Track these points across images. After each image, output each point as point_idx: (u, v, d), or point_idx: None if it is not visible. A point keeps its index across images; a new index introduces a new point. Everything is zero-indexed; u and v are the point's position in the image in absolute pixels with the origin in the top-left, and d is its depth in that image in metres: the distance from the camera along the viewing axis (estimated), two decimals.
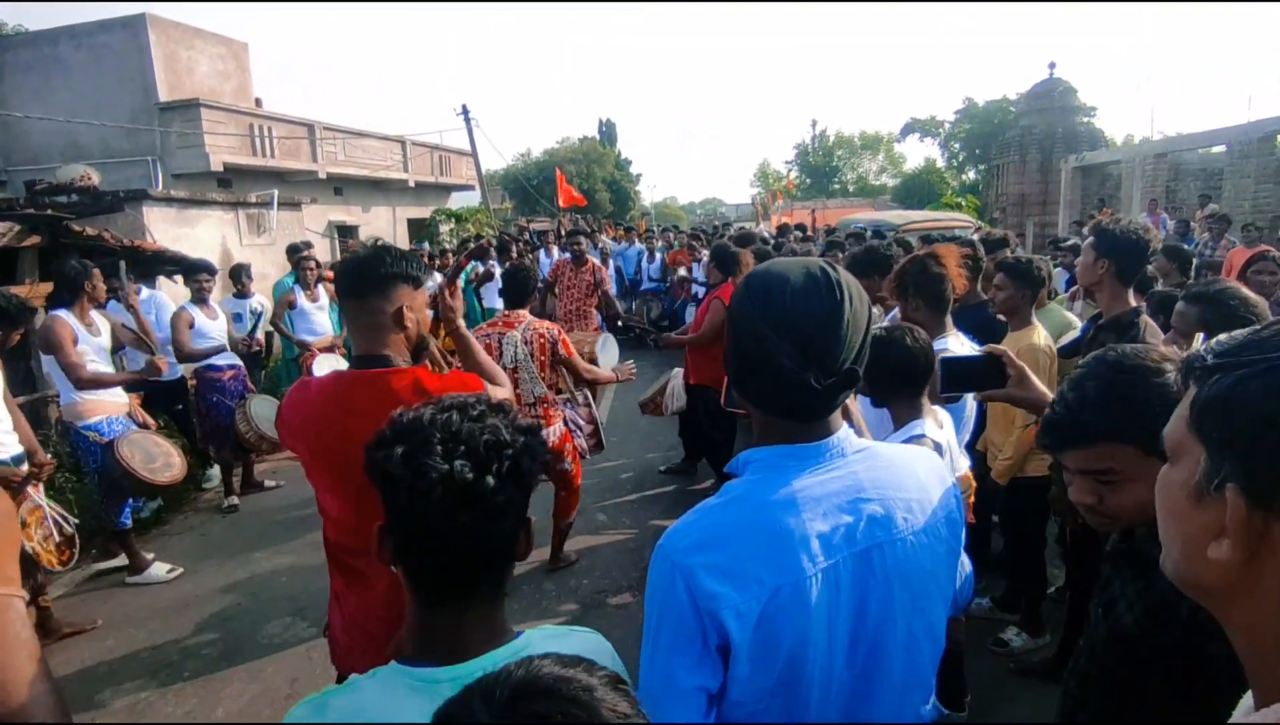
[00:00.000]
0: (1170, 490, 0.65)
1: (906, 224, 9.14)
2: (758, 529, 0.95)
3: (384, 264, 1.69)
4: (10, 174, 12.99)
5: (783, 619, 0.93)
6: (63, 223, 6.17)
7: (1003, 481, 3.07)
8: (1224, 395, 0.59)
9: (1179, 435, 0.64)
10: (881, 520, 1.00)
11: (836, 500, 0.99)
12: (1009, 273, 3.08)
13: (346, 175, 15.93)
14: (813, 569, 0.94)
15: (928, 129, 40.93)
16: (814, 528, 0.96)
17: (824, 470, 1.00)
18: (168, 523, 5.19)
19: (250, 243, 9.40)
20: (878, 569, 0.99)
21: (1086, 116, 23.79)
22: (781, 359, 0.94)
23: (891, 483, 1.03)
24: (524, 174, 34.92)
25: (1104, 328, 2.71)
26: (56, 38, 13.21)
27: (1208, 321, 2.29)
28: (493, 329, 3.75)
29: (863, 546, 0.98)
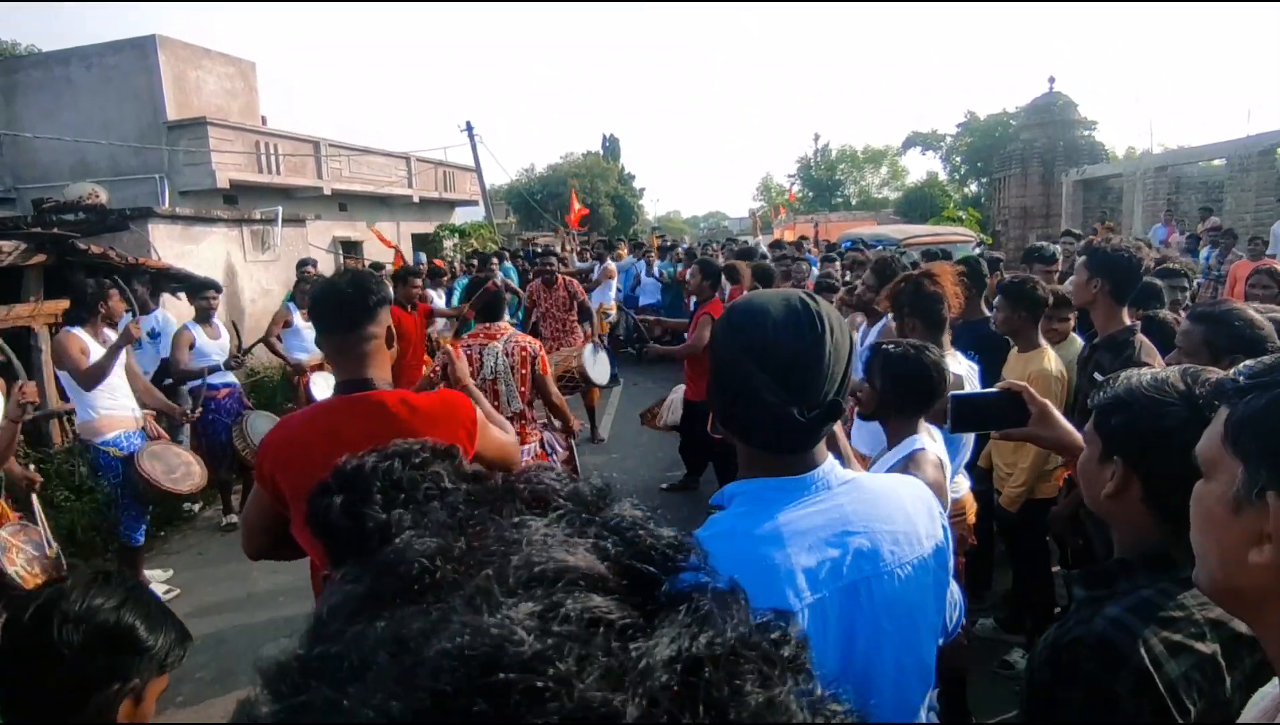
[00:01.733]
0: (1207, 503, 0.69)
1: (907, 238, 9.16)
2: (741, 564, 0.92)
3: (373, 292, 1.70)
4: (19, 192, 13.14)
5: None
6: (68, 241, 6.22)
7: (1014, 508, 3.03)
8: (1260, 412, 0.64)
9: (1213, 452, 0.69)
10: (868, 554, 0.99)
11: (822, 534, 0.97)
12: (1005, 294, 3.08)
13: (351, 191, 16.05)
14: (798, 605, 0.93)
15: (929, 142, 41.08)
16: (799, 562, 0.94)
17: (809, 503, 0.99)
18: (167, 541, 5.19)
19: (254, 259, 9.46)
20: (865, 604, 0.98)
21: (1087, 130, 23.85)
22: (764, 392, 0.93)
23: (878, 515, 1.02)
24: (528, 189, 35.11)
25: (1099, 347, 2.71)
26: (67, 59, 13.41)
27: (1212, 341, 2.26)
28: (474, 340, 3.71)
29: (849, 581, 0.97)
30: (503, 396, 3.63)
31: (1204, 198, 14.75)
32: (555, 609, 0.28)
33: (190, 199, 12.30)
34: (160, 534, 5.25)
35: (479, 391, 2.12)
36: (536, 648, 0.26)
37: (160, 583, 4.36)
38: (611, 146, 44.36)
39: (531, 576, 0.29)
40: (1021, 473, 2.99)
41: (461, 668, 0.25)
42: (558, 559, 0.31)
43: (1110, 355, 2.66)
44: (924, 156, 42.67)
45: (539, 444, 3.81)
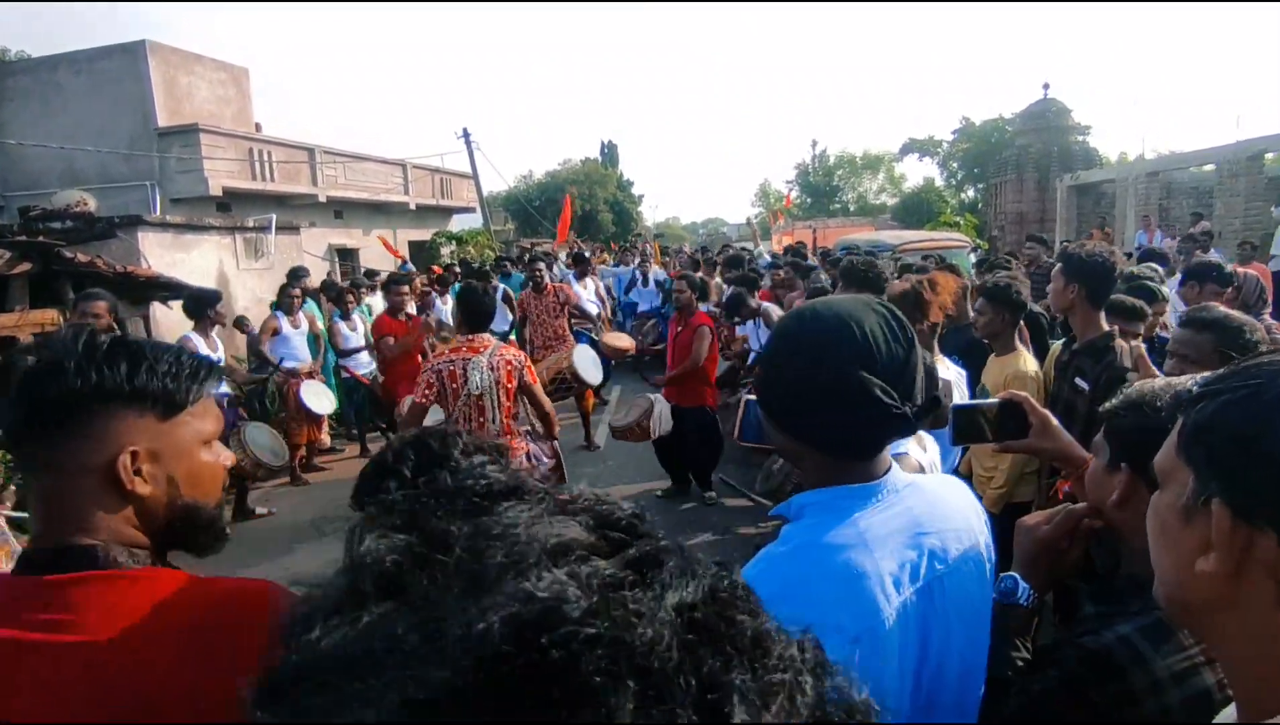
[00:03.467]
0: (1161, 513, 0.69)
1: (902, 244, 9.17)
2: (831, 574, 0.93)
3: (77, 375, 0.87)
4: (7, 200, 13.10)
5: (866, 664, 0.90)
6: (54, 249, 6.19)
7: (996, 510, 3.02)
8: (1208, 419, 0.64)
9: (1168, 462, 0.68)
10: (939, 554, 1.00)
11: (901, 537, 0.98)
12: (988, 297, 3.08)
13: (347, 198, 16.06)
14: (889, 610, 0.93)
15: (926, 148, 41.23)
16: (885, 567, 0.95)
17: (883, 508, 1.00)
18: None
19: (247, 267, 9.43)
20: (938, 603, 0.99)
21: (1081, 135, 23.99)
22: (877, 395, 0.94)
23: (942, 514, 1.04)
24: (526, 195, 35.16)
25: (1079, 352, 2.71)
26: (56, 64, 13.41)
27: (1223, 348, 2.23)
28: (456, 354, 3.53)
29: (925, 582, 0.98)
30: (488, 412, 3.52)
31: (1195, 203, 14.83)
32: (579, 574, 0.33)
33: (182, 206, 12.28)
34: None
35: None
36: (584, 605, 0.31)
37: None
38: (610, 153, 44.41)
39: (547, 549, 0.35)
40: (1001, 474, 2.99)
41: (522, 629, 0.30)
42: (561, 534, 0.36)
43: (1091, 360, 2.66)
44: (921, 162, 42.83)
45: (524, 457, 3.73)
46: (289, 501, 5.98)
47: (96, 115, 12.85)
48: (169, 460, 0.92)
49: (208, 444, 0.98)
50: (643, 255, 12.57)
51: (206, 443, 0.97)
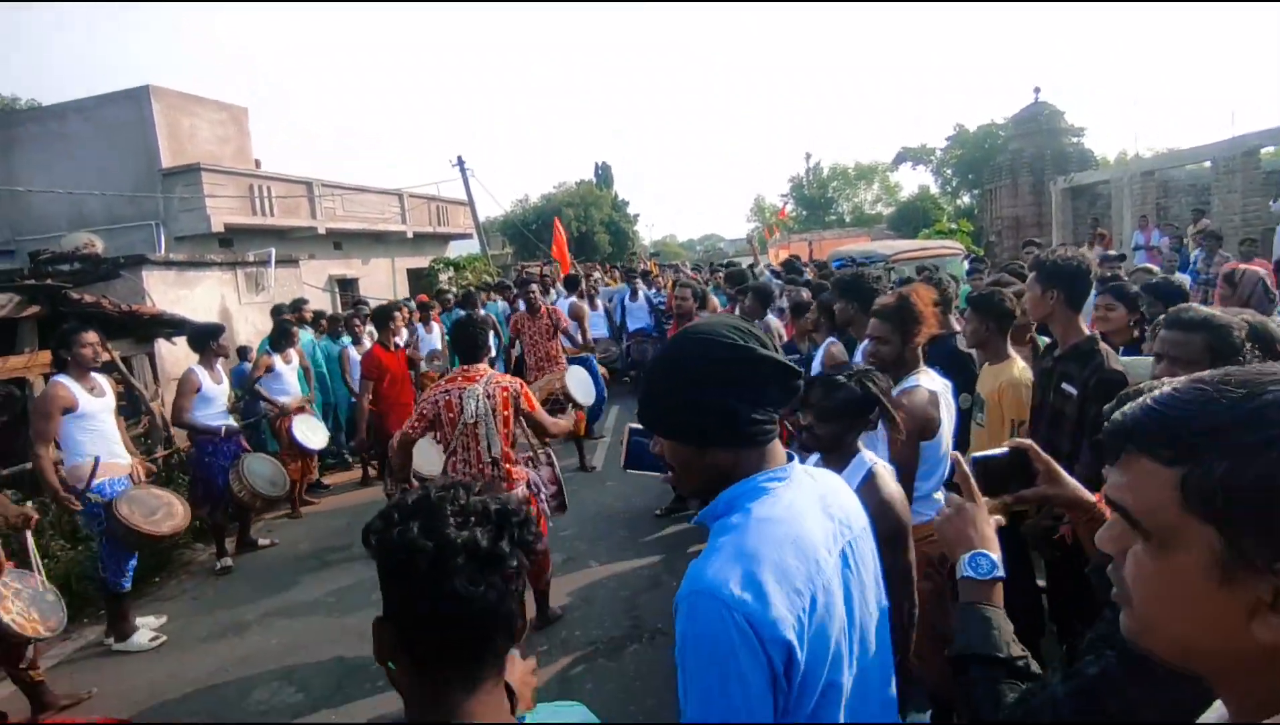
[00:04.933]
0: (1173, 576, 0.63)
1: (896, 254, 9.21)
2: (784, 544, 1.03)
3: None
4: (18, 245, 13.31)
5: (824, 622, 1.03)
6: (62, 292, 6.29)
7: (1005, 519, 3.02)
8: (1252, 478, 0.58)
9: (1170, 519, 0.62)
10: (844, 520, 1.16)
11: (818, 507, 1.12)
12: (973, 306, 3.09)
13: (345, 230, 16.23)
14: (830, 569, 1.07)
15: (920, 157, 41.36)
16: (815, 532, 1.08)
17: (795, 486, 1.12)
18: (162, 585, 5.18)
19: (249, 301, 9.53)
20: (853, 563, 1.13)
21: (1075, 137, 24.08)
22: (760, 388, 1.11)
23: (836, 491, 1.21)
24: (522, 220, 35.35)
25: (1064, 358, 2.70)
26: (65, 112, 13.70)
27: (1216, 349, 2.19)
28: (452, 384, 3.61)
29: (841, 545, 1.12)
30: (482, 440, 3.55)
31: (1193, 201, 14.81)
32: None
33: (186, 244, 12.45)
34: (155, 579, 5.24)
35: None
36: None
37: (151, 629, 4.34)
38: (604, 174, 44.67)
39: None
40: None
41: None
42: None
43: (1077, 365, 2.65)
44: (915, 171, 43.10)
45: (525, 486, 3.75)
46: (289, 532, 6.01)
47: (103, 159, 13.09)
48: None
49: None
50: (642, 274, 12.61)
51: None
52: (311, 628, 4.31)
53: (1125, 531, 0.69)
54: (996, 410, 3.01)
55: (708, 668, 0.97)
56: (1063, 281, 2.63)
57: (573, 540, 5.17)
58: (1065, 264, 2.63)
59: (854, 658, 1.10)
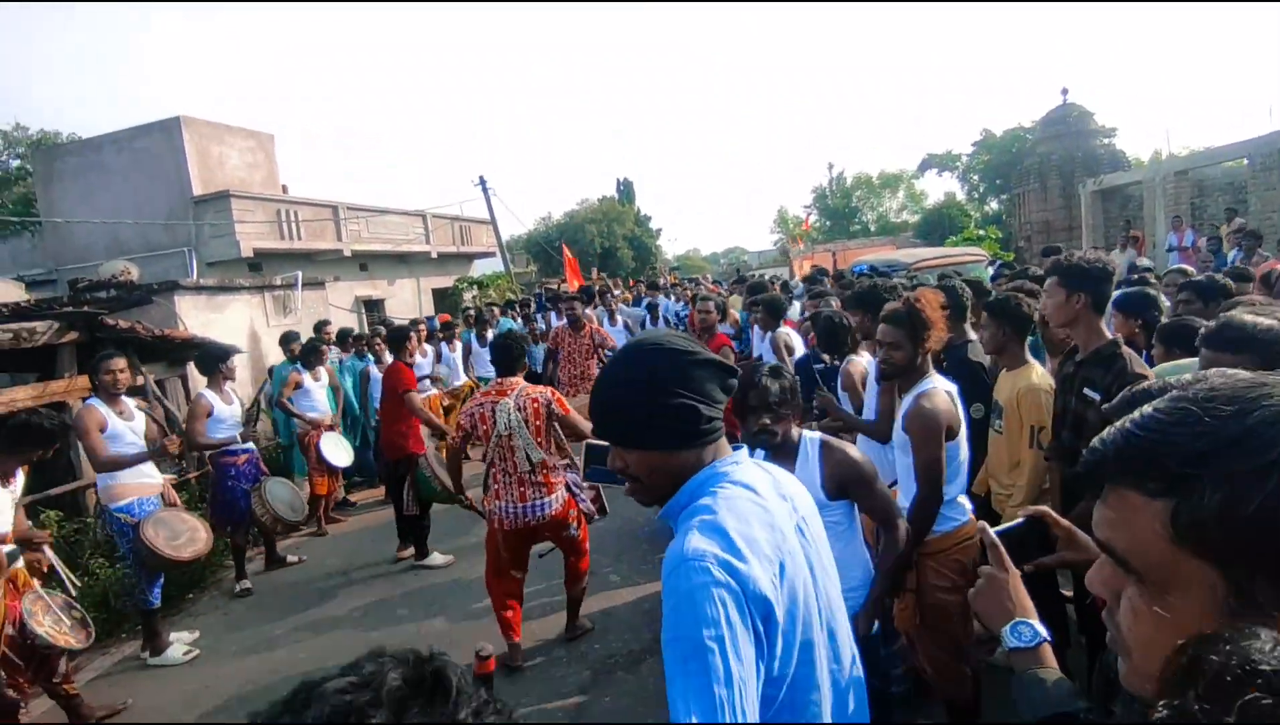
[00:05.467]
0: (1177, 622, 0.57)
1: (917, 262, 9.11)
2: (751, 518, 1.12)
3: None
4: (59, 273, 13.79)
5: (794, 585, 1.11)
6: (99, 318, 6.49)
7: None
8: (1249, 512, 0.52)
9: (1163, 557, 0.57)
10: (793, 501, 1.26)
11: (772, 489, 1.23)
12: (990, 311, 3.05)
13: (371, 251, 16.52)
14: (794, 540, 1.17)
15: (945, 163, 41.03)
16: (777, 510, 1.18)
17: (748, 471, 1.22)
18: (195, 603, 5.28)
19: (276, 324, 9.74)
20: (808, 539, 1.23)
21: (1106, 138, 23.67)
22: (709, 388, 1.20)
23: (781, 475, 1.32)
24: (545, 237, 35.72)
25: (1086, 363, 2.65)
26: (101, 145, 14.18)
27: (1267, 366, 1.89)
28: (486, 398, 3.76)
29: (795, 521, 1.22)
30: (519, 451, 3.66)
31: (1229, 200, 14.42)
32: None
33: (217, 269, 12.78)
34: (188, 596, 5.35)
35: None
36: None
37: (185, 644, 4.43)
38: (626, 190, 45.01)
39: None
40: (1020, 491, 2.94)
41: None
42: None
43: (1100, 369, 2.60)
44: (940, 177, 42.57)
45: (565, 489, 3.82)
46: (315, 550, 6.10)
47: (138, 188, 13.54)
48: None
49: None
50: (665, 290, 12.63)
51: None
52: (338, 642, 4.36)
53: (1115, 573, 0.64)
54: (1015, 416, 2.96)
55: (697, 620, 0.98)
56: (1089, 286, 2.59)
57: (594, 554, 5.14)
58: (1090, 267, 2.59)
59: (823, 619, 1.18)
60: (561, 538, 3.87)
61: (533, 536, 3.83)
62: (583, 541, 3.97)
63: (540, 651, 3.98)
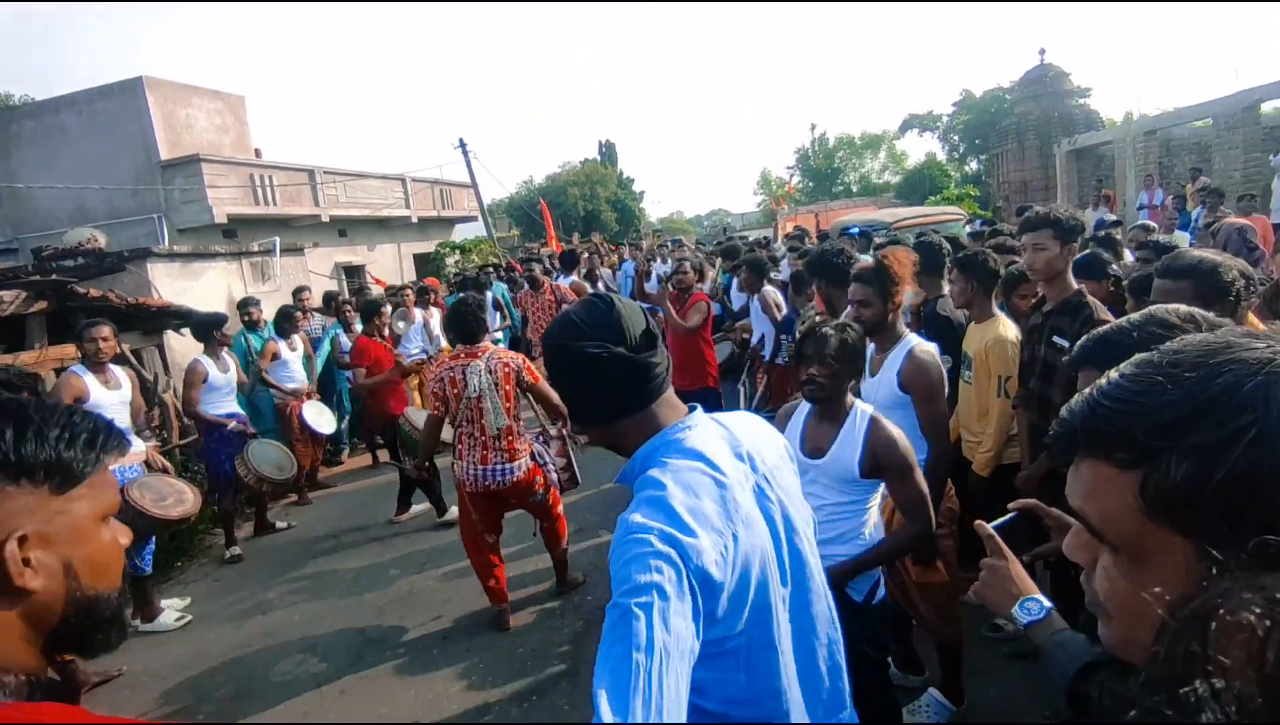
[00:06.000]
0: (1146, 586, 0.57)
1: (898, 221, 9.17)
2: (700, 490, 1.10)
3: None
4: (20, 242, 13.39)
5: (748, 555, 1.10)
6: (67, 286, 6.36)
7: (985, 472, 3.10)
8: (1215, 482, 0.51)
9: (1135, 529, 0.57)
10: (752, 458, 1.23)
11: (728, 449, 1.20)
12: (960, 267, 3.15)
13: (349, 216, 16.25)
14: (747, 507, 1.14)
15: (926, 124, 40.87)
16: (733, 475, 1.15)
17: (700, 433, 1.19)
18: (184, 570, 5.31)
19: (255, 291, 9.60)
20: (771, 495, 1.21)
21: (1081, 99, 23.74)
22: (590, 350, 1.18)
23: (746, 431, 1.27)
24: (527, 200, 35.30)
25: (1055, 312, 2.76)
26: (58, 107, 13.65)
27: (1205, 294, 2.21)
28: (455, 361, 3.74)
29: (754, 482, 1.20)
30: (488, 413, 3.67)
31: (1195, 159, 14.66)
32: None
33: (189, 236, 12.51)
34: (178, 564, 5.37)
35: None
36: None
37: (176, 609, 4.47)
38: (608, 152, 44.46)
39: None
40: (989, 437, 3.07)
41: None
42: None
43: (1068, 318, 2.70)
44: (921, 138, 42.56)
45: (529, 458, 3.85)
46: (303, 516, 6.13)
47: (101, 153, 13.09)
48: (65, 544, 0.77)
49: (106, 521, 0.84)
50: (648, 254, 12.56)
51: (105, 519, 0.83)
52: (331, 604, 4.43)
53: (1091, 540, 0.63)
54: (984, 367, 3.09)
55: (631, 589, 0.96)
56: (1074, 237, 2.71)
57: (584, 512, 5.26)
58: (1076, 222, 2.71)
59: (786, 575, 1.19)
60: (530, 503, 3.91)
61: (500, 501, 3.86)
62: (554, 506, 4.00)
63: (533, 603, 4.07)
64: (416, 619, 4.09)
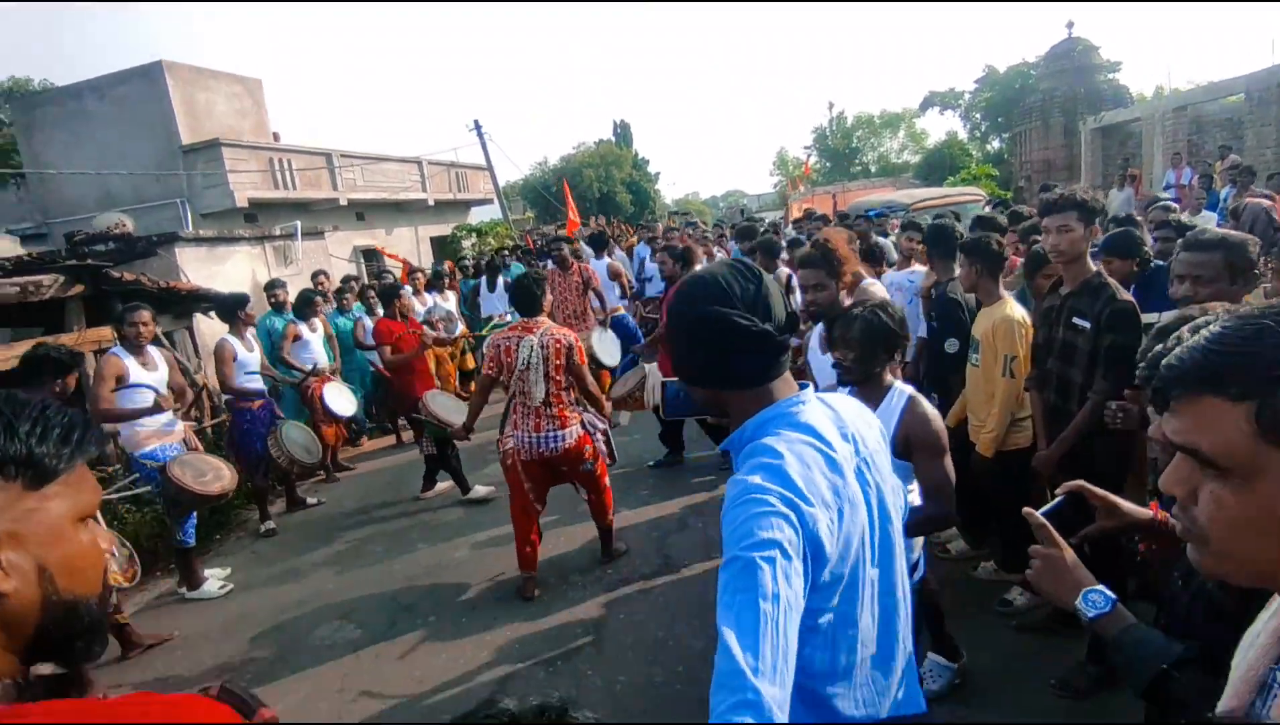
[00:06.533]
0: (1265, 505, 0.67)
1: (915, 202, 9.14)
2: (813, 464, 1.13)
3: None
4: (50, 227, 13.65)
5: (849, 531, 1.13)
6: (102, 271, 6.54)
7: (989, 453, 3.17)
8: None
9: (1250, 453, 0.66)
10: (859, 440, 1.24)
11: (836, 430, 1.22)
12: (964, 252, 3.21)
13: (367, 200, 16.38)
14: (853, 486, 1.17)
15: (948, 101, 40.26)
16: (841, 453, 1.18)
17: (811, 411, 1.21)
18: (224, 543, 5.52)
19: (278, 274, 9.77)
20: (870, 479, 1.23)
21: (1110, 73, 23.27)
22: (736, 320, 1.17)
23: (852, 414, 1.29)
24: (542, 182, 35.27)
25: (1074, 294, 2.78)
26: (80, 92, 13.79)
27: (1233, 265, 2.35)
28: (512, 332, 3.95)
29: (856, 463, 1.21)
30: (530, 384, 3.85)
31: (1226, 136, 14.31)
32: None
33: (212, 220, 12.69)
34: (217, 537, 5.59)
35: None
36: None
37: (219, 579, 4.67)
38: (623, 133, 44.21)
39: None
40: (993, 417, 3.14)
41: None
42: None
43: (1089, 299, 2.72)
44: (943, 116, 42.00)
45: (580, 426, 4.00)
46: (332, 493, 6.32)
47: (123, 137, 13.25)
48: (39, 545, 0.73)
49: (84, 522, 0.79)
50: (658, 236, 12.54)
51: (83, 520, 0.78)
52: (363, 574, 4.60)
53: (1193, 472, 0.71)
54: (991, 349, 3.15)
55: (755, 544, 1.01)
56: (1096, 218, 2.74)
57: (624, 489, 5.36)
58: (1099, 203, 2.75)
59: (875, 558, 1.21)
60: (579, 472, 4.06)
61: (551, 470, 4.02)
62: (601, 477, 4.15)
63: (558, 575, 4.22)
64: (445, 589, 4.25)
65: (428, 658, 3.57)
